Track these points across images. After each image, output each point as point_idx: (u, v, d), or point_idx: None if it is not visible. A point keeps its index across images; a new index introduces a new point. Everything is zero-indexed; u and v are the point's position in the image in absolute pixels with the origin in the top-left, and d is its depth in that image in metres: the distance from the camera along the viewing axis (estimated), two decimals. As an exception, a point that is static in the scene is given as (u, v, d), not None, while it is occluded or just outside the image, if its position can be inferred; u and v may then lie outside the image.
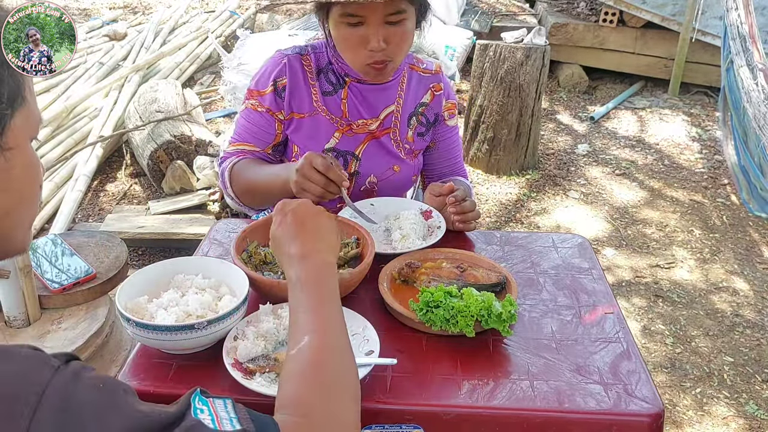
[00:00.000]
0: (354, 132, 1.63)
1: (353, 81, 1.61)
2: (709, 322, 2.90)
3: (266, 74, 1.62)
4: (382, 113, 1.65)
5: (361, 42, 1.45)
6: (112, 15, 6.77)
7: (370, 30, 1.43)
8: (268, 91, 1.60)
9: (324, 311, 0.91)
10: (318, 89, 1.61)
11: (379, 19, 1.42)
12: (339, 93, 1.62)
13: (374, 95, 1.63)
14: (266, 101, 1.60)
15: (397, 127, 1.66)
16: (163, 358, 1.13)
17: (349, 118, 1.62)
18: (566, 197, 3.95)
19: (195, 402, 0.70)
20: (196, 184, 3.55)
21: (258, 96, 1.62)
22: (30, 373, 0.64)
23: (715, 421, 2.37)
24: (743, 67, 3.56)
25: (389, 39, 1.45)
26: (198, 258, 1.34)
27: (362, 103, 1.63)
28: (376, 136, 1.65)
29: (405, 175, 1.71)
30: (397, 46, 1.48)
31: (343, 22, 1.45)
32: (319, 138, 1.62)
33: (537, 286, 1.37)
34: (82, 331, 1.64)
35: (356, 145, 1.63)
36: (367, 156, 1.64)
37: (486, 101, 4.07)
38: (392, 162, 1.67)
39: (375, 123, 1.64)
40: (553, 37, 5.40)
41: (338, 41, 1.51)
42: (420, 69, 1.71)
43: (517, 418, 1.05)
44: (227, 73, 3.42)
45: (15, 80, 0.72)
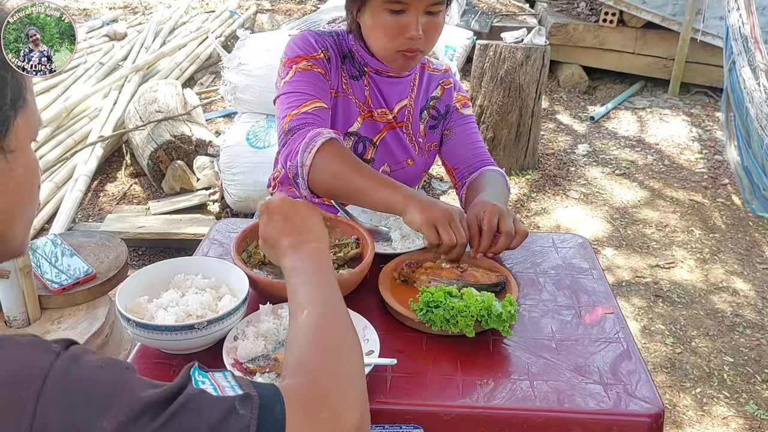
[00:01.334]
0: (375, 119, 1.63)
1: (372, 71, 1.61)
2: (709, 322, 2.90)
3: (310, 43, 1.55)
4: (396, 106, 1.65)
5: (401, 29, 1.46)
6: (112, 15, 6.77)
7: (411, 18, 1.44)
8: (319, 56, 1.54)
9: (321, 285, 0.93)
10: (346, 72, 1.61)
11: (422, 8, 1.44)
12: (362, 80, 1.62)
13: (389, 88, 1.64)
14: (321, 63, 1.54)
15: (410, 121, 1.67)
16: (163, 358, 1.13)
17: (371, 104, 1.63)
18: (566, 197, 3.95)
19: (195, 375, 0.71)
20: (196, 184, 3.55)
21: (311, 59, 1.52)
22: (31, 358, 0.64)
23: (714, 421, 2.37)
24: (745, 67, 3.56)
25: (426, 29, 1.46)
26: (198, 258, 1.34)
27: (381, 92, 1.64)
28: (393, 127, 1.65)
29: (416, 171, 1.71)
30: (432, 37, 1.50)
31: (386, 9, 1.45)
32: (345, 121, 1.61)
33: (537, 286, 1.37)
34: (82, 331, 1.64)
35: (375, 132, 1.64)
36: (384, 145, 1.65)
37: (486, 101, 4.07)
38: (407, 155, 1.68)
39: (390, 115, 1.65)
40: (553, 37, 5.40)
41: (375, 28, 1.49)
42: (430, 68, 1.74)
43: (517, 418, 1.05)
44: (227, 73, 3.42)
45: (17, 82, 0.72)
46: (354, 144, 1.62)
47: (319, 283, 0.93)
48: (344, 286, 1.24)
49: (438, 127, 1.73)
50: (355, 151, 1.62)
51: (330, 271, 0.97)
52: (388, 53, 1.52)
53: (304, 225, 1.05)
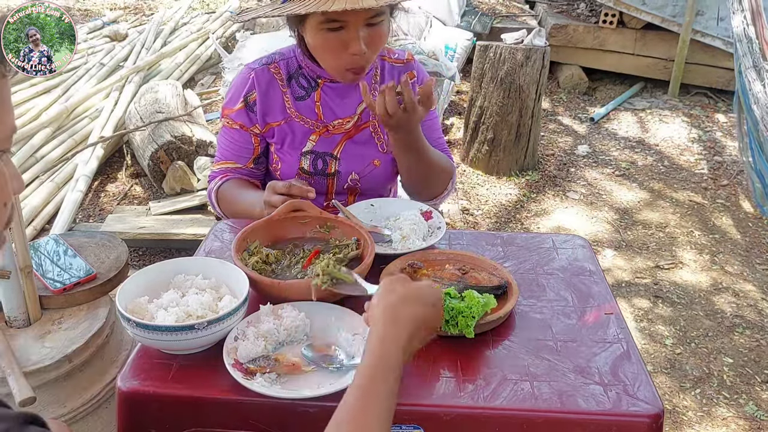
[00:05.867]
0: (331, 133, 1.64)
1: (326, 81, 1.62)
2: (709, 323, 2.89)
3: (236, 91, 1.64)
4: (359, 107, 1.65)
5: (342, 46, 1.45)
6: (113, 16, 6.77)
7: (350, 34, 1.43)
8: (238, 108, 1.63)
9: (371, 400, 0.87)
10: (290, 95, 1.63)
11: (360, 23, 1.42)
12: (312, 96, 1.63)
13: (349, 92, 1.64)
14: (239, 118, 1.64)
15: (375, 120, 1.66)
16: (164, 358, 1.13)
17: (324, 120, 1.64)
18: (566, 198, 3.95)
19: None
20: (196, 185, 3.55)
21: (230, 114, 1.65)
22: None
23: (714, 422, 2.37)
24: (750, 68, 3.56)
25: (369, 41, 1.45)
26: (198, 258, 1.34)
27: (337, 102, 1.64)
28: (353, 134, 1.66)
29: (386, 169, 1.71)
30: (377, 47, 1.49)
31: (322, 28, 1.44)
32: (295, 143, 1.64)
33: (537, 288, 1.37)
34: (82, 331, 1.64)
35: (333, 145, 1.65)
36: (346, 154, 1.66)
37: (486, 102, 4.07)
38: (372, 157, 1.68)
39: (352, 120, 1.65)
40: (553, 38, 5.40)
41: (317, 48, 1.51)
42: (391, 60, 1.71)
43: (517, 418, 1.05)
44: (228, 74, 3.42)
45: None
46: (312, 161, 1.64)
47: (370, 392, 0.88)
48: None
49: None
50: (315, 167, 1.65)
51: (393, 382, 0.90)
52: (335, 71, 1.53)
53: (425, 328, 0.97)
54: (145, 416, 1.08)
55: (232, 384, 1.04)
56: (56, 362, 1.54)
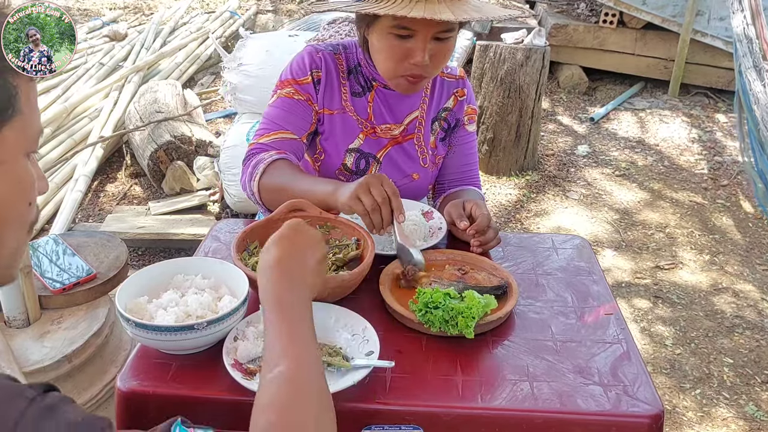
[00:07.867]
0: (378, 135, 1.62)
1: (380, 86, 1.60)
2: (709, 324, 2.89)
3: (303, 65, 1.58)
4: (406, 119, 1.64)
5: (406, 54, 1.43)
6: (113, 15, 6.77)
7: (417, 44, 1.41)
8: (306, 81, 1.57)
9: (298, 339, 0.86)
10: (348, 89, 1.60)
11: (430, 34, 1.40)
12: (366, 95, 1.61)
13: (399, 101, 1.62)
14: (305, 89, 1.57)
15: (421, 133, 1.65)
16: (163, 358, 1.13)
17: (374, 121, 1.62)
18: (566, 198, 3.95)
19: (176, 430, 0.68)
20: (196, 185, 3.55)
21: (295, 84, 1.58)
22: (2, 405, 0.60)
23: (714, 423, 2.37)
24: (750, 68, 3.56)
25: (433, 55, 1.42)
26: (198, 258, 1.34)
27: (387, 108, 1.62)
28: (399, 142, 1.64)
29: (422, 184, 1.69)
30: (439, 63, 1.47)
31: (392, 33, 1.41)
32: (345, 137, 1.61)
33: (537, 288, 1.37)
34: (82, 331, 1.64)
35: (379, 148, 1.63)
36: (388, 161, 1.64)
37: (486, 102, 4.07)
38: (412, 169, 1.66)
39: (399, 128, 1.63)
40: (553, 38, 5.40)
41: (380, 51, 1.47)
42: (444, 74, 1.69)
43: (517, 419, 1.05)
44: (227, 73, 3.41)
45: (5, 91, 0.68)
46: (356, 160, 1.62)
47: (294, 337, 0.86)
48: (344, 287, 1.25)
49: (446, 140, 1.72)
50: (358, 166, 1.62)
51: (310, 324, 0.90)
52: (391, 76, 1.50)
53: (303, 269, 0.95)
54: (145, 416, 1.08)
55: (231, 384, 1.04)
56: (56, 362, 1.55)
